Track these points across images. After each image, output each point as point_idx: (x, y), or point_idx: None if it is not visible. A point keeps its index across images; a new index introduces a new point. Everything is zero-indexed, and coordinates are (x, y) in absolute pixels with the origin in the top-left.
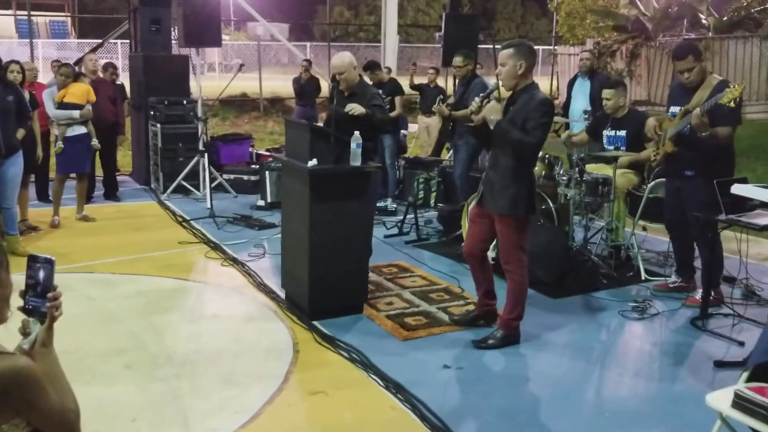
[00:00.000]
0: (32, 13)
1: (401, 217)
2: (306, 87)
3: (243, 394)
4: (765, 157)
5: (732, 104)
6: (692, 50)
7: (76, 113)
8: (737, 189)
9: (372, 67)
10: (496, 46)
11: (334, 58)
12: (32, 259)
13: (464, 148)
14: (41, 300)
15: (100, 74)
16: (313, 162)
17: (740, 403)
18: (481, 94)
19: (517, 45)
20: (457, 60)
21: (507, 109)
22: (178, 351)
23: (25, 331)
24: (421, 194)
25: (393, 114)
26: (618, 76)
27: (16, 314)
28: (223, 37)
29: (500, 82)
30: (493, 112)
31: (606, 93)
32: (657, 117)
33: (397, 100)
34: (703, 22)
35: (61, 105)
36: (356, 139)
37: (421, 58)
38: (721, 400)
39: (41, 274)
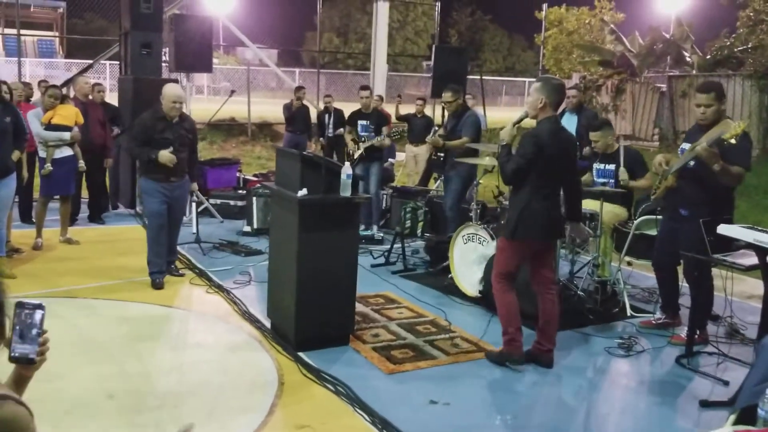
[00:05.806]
0: (22, 32)
1: (388, 247)
2: (297, 114)
3: (226, 428)
4: (748, 194)
5: (733, 141)
6: (717, 89)
7: (66, 135)
8: (723, 229)
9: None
10: (483, 77)
11: (174, 88)
12: (20, 306)
13: (456, 179)
14: (30, 346)
15: (90, 96)
16: (303, 192)
17: None
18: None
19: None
20: (447, 96)
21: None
22: (161, 381)
23: None
24: (408, 224)
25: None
26: (603, 111)
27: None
28: (213, 61)
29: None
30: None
31: (593, 136)
32: (665, 154)
33: (384, 129)
34: (688, 59)
35: (50, 126)
36: (347, 169)
37: (408, 86)
38: None
39: (31, 321)
